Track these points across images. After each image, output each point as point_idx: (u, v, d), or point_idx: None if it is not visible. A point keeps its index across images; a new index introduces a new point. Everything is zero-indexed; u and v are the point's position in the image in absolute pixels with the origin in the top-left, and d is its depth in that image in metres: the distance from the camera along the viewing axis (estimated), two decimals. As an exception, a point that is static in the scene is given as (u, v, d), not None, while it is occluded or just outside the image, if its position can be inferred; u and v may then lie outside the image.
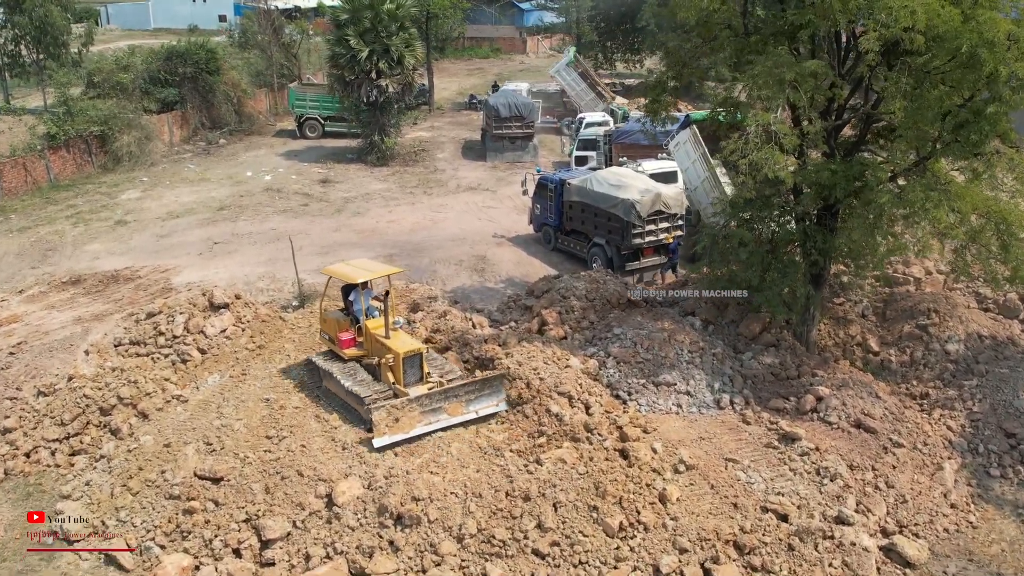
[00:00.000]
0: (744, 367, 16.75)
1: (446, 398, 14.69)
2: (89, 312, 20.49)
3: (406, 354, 14.87)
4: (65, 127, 32.29)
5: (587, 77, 42.58)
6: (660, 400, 15.73)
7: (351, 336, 15.79)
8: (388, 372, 15.02)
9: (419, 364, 15.14)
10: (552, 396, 14.71)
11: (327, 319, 16.35)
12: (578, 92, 42.03)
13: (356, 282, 15.59)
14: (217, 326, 17.92)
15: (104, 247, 25.30)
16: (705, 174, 23.70)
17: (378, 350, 15.39)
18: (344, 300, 16.66)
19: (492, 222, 27.63)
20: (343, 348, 15.68)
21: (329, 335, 16.22)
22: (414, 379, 15.11)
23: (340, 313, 16.48)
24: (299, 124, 39.99)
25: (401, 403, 14.21)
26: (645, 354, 16.31)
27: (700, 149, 23.68)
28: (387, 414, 13.97)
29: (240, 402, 15.52)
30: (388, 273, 16.25)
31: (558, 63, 44.03)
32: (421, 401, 14.44)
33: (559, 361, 15.83)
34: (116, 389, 15.32)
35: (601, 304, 18.69)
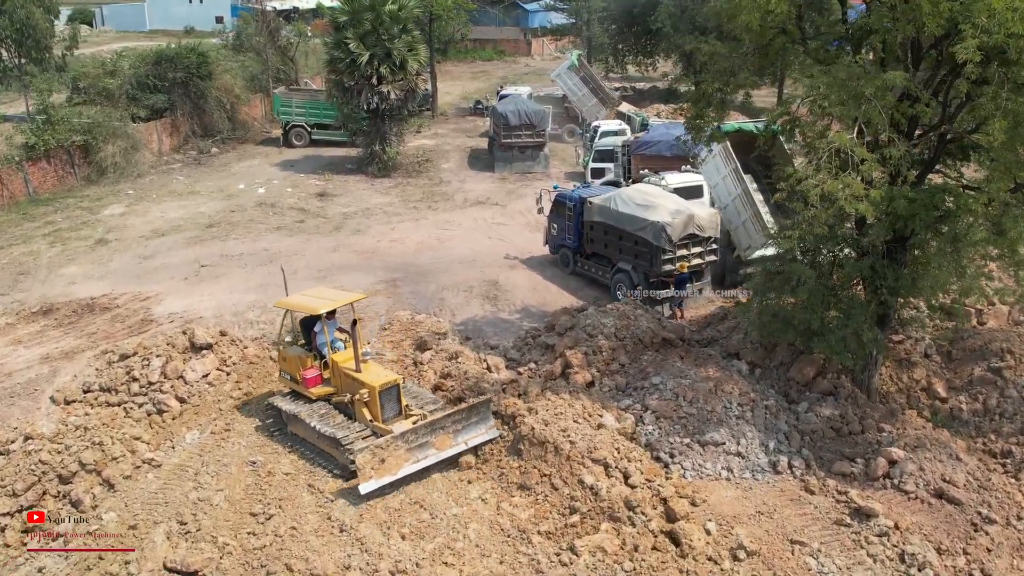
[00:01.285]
0: (801, 421, 14.63)
1: (432, 431, 13.25)
2: (59, 349, 18.38)
3: (382, 387, 13.53)
4: (45, 137, 30.17)
5: (589, 82, 40.39)
6: (708, 463, 13.61)
7: (316, 373, 14.34)
8: (363, 409, 13.64)
9: (396, 396, 13.76)
10: (585, 464, 12.59)
11: (287, 357, 14.80)
12: (580, 97, 39.79)
13: (318, 313, 14.10)
14: (198, 370, 15.83)
15: (81, 270, 23.19)
16: (737, 191, 21.58)
17: (349, 386, 13.94)
18: (305, 334, 15.00)
19: (503, 241, 25.51)
20: (309, 387, 14.29)
21: (291, 375, 14.69)
22: (393, 413, 13.71)
23: (301, 349, 14.86)
24: (285, 132, 37.85)
25: (385, 442, 12.75)
26: (688, 408, 14.19)
27: (731, 164, 21.54)
28: (371, 456, 12.52)
29: (221, 467, 13.42)
30: (351, 301, 14.93)
31: (559, 67, 41.87)
32: (406, 437, 12.97)
33: (591, 419, 13.71)
34: (78, 453, 13.19)
35: (632, 344, 16.58)
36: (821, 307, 14.10)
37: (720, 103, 15.30)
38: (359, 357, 13.89)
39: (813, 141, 12.89)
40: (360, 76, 30.74)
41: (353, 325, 13.86)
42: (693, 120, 15.33)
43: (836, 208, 11.73)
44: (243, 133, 38.65)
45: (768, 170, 23.21)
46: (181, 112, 36.51)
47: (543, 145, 33.47)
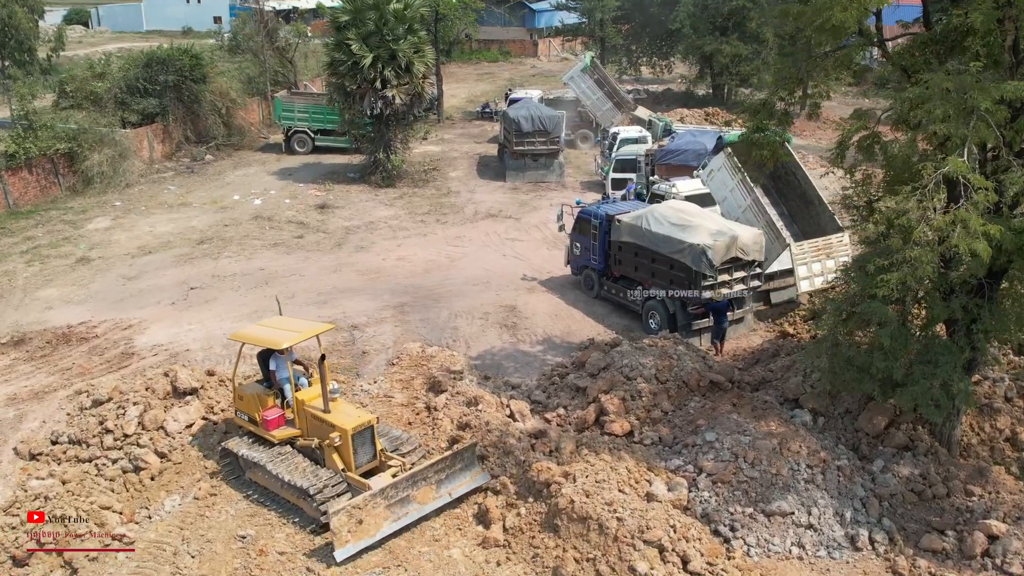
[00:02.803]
0: (877, 484, 12.62)
1: (414, 484, 11.92)
2: (28, 388, 16.40)
3: (355, 430, 12.11)
4: (26, 145, 28.16)
5: (604, 85, 38.18)
6: (775, 538, 11.61)
7: (278, 413, 12.73)
8: (334, 455, 12.07)
9: (371, 439, 12.46)
10: (636, 546, 10.60)
11: (243, 395, 13.16)
12: (594, 102, 37.45)
13: (279, 348, 12.48)
14: (181, 420, 13.86)
15: (60, 293, 21.21)
16: (747, 201, 19.94)
17: (317, 428, 12.41)
18: (263, 369, 13.40)
19: (519, 259, 23.52)
20: (270, 429, 12.67)
21: (248, 415, 13.00)
22: (367, 458, 12.42)
23: (260, 386, 13.27)
24: (286, 138, 35.82)
25: (363, 501, 11.24)
26: (750, 470, 12.18)
27: (739, 175, 20.07)
28: (348, 518, 11.00)
29: (205, 543, 11.43)
30: (316, 333, 13.38)
31: (572, 69, 39.68)
32: (386, 493, 11.41)
33: (637, 486, 11.71)
34: (35, 530, 11.18)
35: (676, 388, 14.60)
36: (903, 353, 12.11)
37: (783, 115, 13.28)
38: (327, 395, 12.35)
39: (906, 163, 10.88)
40: (363, 79, 28.73)
41: (321, 361, 12.25)
42: (751, 133, 13.29)
43: (946, 247, 9.73)
44: (239, 139, 36.64)
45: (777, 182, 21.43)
46: (173, 117, 34.53)
47: (558, 153, 31.47)
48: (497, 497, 11.91)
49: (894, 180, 12.34)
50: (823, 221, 20.53)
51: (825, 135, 38.33)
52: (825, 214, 20.60)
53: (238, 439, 13.05)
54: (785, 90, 12.85)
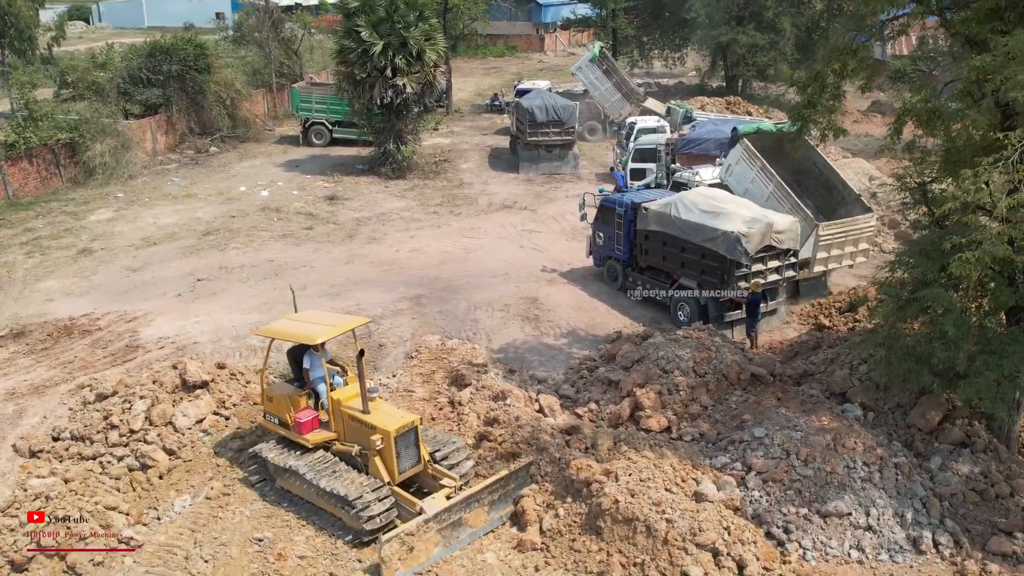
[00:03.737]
0: (937, 483, 11.79)
1: (467, 506, 10.91)
2: (28, 382, 15.60)
3: (398, 432, 11.04)
4: (26, 134, 27.32)
5: (613, 75, 37.32)
6: (832, 540, 10.79)
7: (312, 415, 11.70)
8: (376, 460, 11.02)
9: (415, 442, 11.43)
10: (688, 549, 9.77)
11: (273, 396, 12.11)
12: (602, 92, 36.41)
13: (314, 343, 11.51)
14: (191, 415, 13.02)
15: (61, 285, 20.37)
16: (769, 188, 19.33)
17: (355, 431, 11.39)
18: (294, 368, 12.43)
19: (537, 250, 22.69)
20: (303, 432, 11.63)
21: (279, 418, 11.97)
22: (410, 463, 11.44)
23: (291, 386, 12.28)
24: (304, 129, 34.93)
25: (416, 527, 10.21)
26: (803, 468, 11.35)
27: (758, 162, 19.62)
28: (400, 545, 10.02)
29: (219, 547, 10.60)
30: (353, 327, 12.49)
31: (580, 60, 38.80)
32: (439, 518, 10.45)
33: (684, 485, 10.87)
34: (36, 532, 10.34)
35: (716, 381, 13.78)
36: (966, 343, 11.28)
37: (836, 88, 12.40)
38: (366, 395, 11.29)
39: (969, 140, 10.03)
40: (373, 68, 27.85)
41: (359, 357, 11.20)
42: (801, 109, 12.43)
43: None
44: (244, 131, 35.74)
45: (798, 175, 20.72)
46: (177, 108, 33.62)
47: (572, 144, 30.63)
48: (534, 498, 11.04)
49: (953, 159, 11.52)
50: (849, 204, 19.99)
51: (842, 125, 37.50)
52: (851, 196, 20.13)
53: (269, 445, 12.02)
54: (838, 62, 11.97)
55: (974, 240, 9.41)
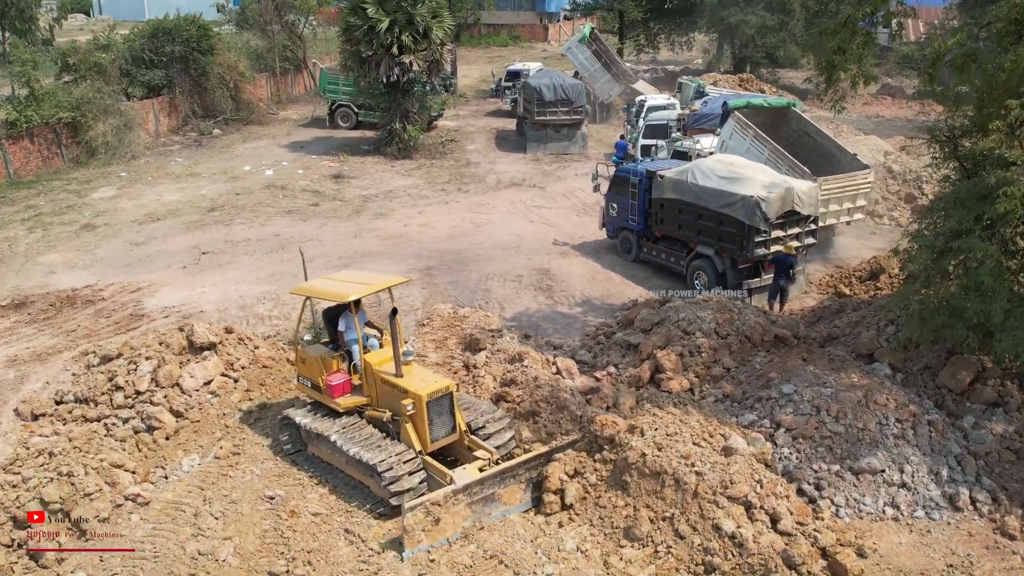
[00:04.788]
0: (971, 441, 11.39)
1: (501, 481, 10.26)
2: (30, 349, 15.20)
3: (431, 396, 10.42)
4: (28, 113, 26.93)
5: (602, 56, 37.05)
6: (866, 497, 10.39)
7: (345, 379, 11.17)
8: (409, 427, 10.45)
9: (449, 409, 10.80)
10: (719, 503, 9.37)
11: (307, 358, 11.58)
12: (592, 73, 36.02)
13: (347, 301, 11.01)
14: (199, 376, 12.61)
15: (63, 258, 19.98)
16: (764, 155, 19.62)
17: (387, 396, 10.79)
18: (329, 329, 11.95)
19: (548, 225, 22.29)
20: (335, 396, 11.11)
21: (311, 380, 11.46)
22: (444, 431, 10.80)
23: (325, 348, 11.76)
24: (331, 112, 34.21)
25: (443, 498, 9.59)
26: (834, 425, 10.94)
27: (750, 132, 20.06)
28: (425, 515, 9.42)
29: (229, 505, 10.21)
30: (388, 285, 11.73)
31: (570, 41, 38.46)
32: (470, 490, 9.83)
33: (712, 440, 10.47)
34: (40, 488, 9.97)
35: (738, 343, 13.38)
36: (1002, 295, 10.88)
37: (866, 36, 11.93)
38: (399, 357, 10.71)
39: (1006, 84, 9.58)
40: (379, 45, 27.44)
41: (392, 316, 10.60)
42: (831, 55, 11.97)
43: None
44: (247, 114, 35.36)
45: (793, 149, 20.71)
46: (180, 90, 33.26)
47: (581, 123, 30.22)
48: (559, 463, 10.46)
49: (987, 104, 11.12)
50: (846, 164, 20.18)
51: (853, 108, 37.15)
52: (847, 157, 20.43)
53: (300, 408, 11.55)
54: (869, 5, 11.53)
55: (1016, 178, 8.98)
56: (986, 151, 10.56)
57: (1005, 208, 9.14)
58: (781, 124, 21.58)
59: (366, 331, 11.82)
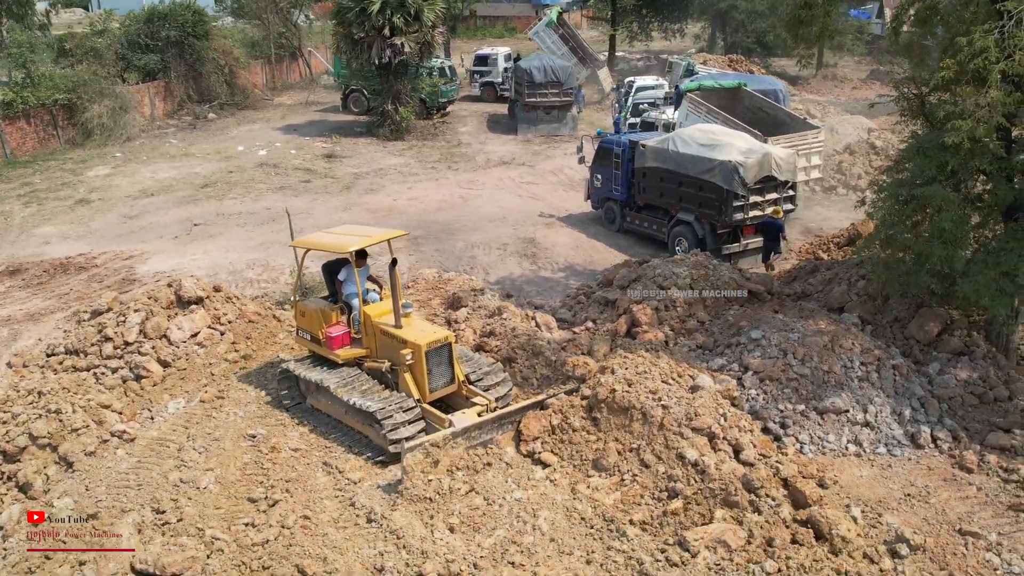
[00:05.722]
0: (935, 385, 11.72)
1: (499, 426, 10.44)
2: (24, 310, 15.56)
3: (430, 346, 10.49)
4: (24, 94, 27.30)
5: (569, 40, 37.44)
6: (830, 435, 10.72)
7: (344, 331, 11.30)
8: (407, 376, 10.58)
9: (448, 360, 10.87)
10: (684, 434, 9.70)
11: (306, 311, 11.68)
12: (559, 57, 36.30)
13: (346, 252, 11.11)
14: (186, 328, 12.93)
15: (58, 230, 20.35)
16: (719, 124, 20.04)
17: (387, 347, 10.90)
18: (328, 282, 12.09)
19: (535, 199, 22.65)
20: (334, 348, 11.21)
21: (311, 333, 11.59)
22: (443, 381, 10.88)
23: (325, 301, 11.91)
24: (344, 96, 34.36)
25: (442, 439, 9.76)
26: (800, 367, 11.28)
27: (703, 108, 20.78)
28: (424, 456, 9.53)
29: (212, 441, 10.55)
30: (387, 238, 11.74)
31: (538, 25, 38.85)
32: (468, 434, 10.02)
33: (680, 380, 10.80)
34: (28, 423, 10.31)
35: (712, 297, 13.69)
36: (964, 241, 11.22)
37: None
38: (399, 307, 10.82)
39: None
40: (371, 27, 27.82)
41: (392, 267, 10.76)
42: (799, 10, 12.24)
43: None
44: (242, 99, 35.74)
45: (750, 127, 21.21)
46: (175, 74, 33.64)
47: (571, 105, 30.58)
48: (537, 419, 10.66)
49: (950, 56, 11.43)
50: (797, 128, 20.79)
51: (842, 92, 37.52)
52: (797, 123, 21.21)
53: (298, 361, 11.67)
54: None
55: (968, 109, 9.31)
56: (949, 102, 10.86)
57: (953, 140, 9.44)
58: (735, 103, 22.03)
59: (368, 286, 11.91)
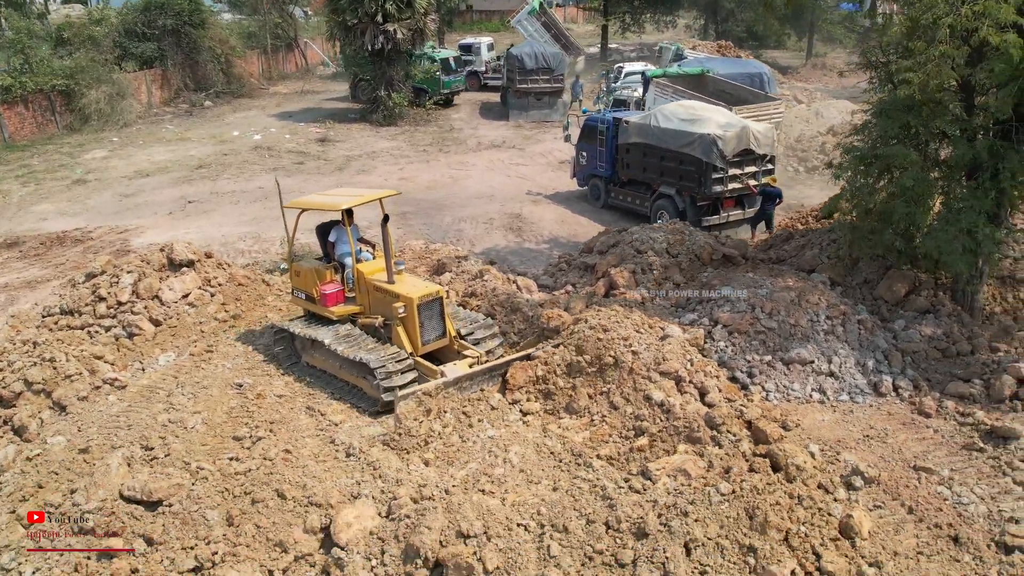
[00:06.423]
0: (900, 339, 12.13)
1: (490, 377, 10.77)
2: (21, 278, 15.99)
3: (421, 300, 10.81)
4: (22, 79, 27.73)
5: (551, 28, 37.97)
6: (795, 384, 11.14)
7: (338, 288, 11.65)
8: (400, 330, 10.88)
9: (439, 313, 11.16)
10: (652, 377, 10.12)
11: (301, 271, 12.04)
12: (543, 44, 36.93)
13: (340, 208, 11.40)
14: (177, 289, 13.34)
15: (55, 207, 20.78)
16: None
17: (380, 302, 11.23)
18: (322, 243, 12.40)
19: (524, 179, 23.07)
20: (329, 305, 11.55)
21: (306, 292, 11.96)
22: (435, 334, 11.15)
23: (319, 261, 12.25)
24: (353, 85, 34.85)
25: (435, 389, 10.10)
26: (768, 321, 11.70)
27: (669, 90, 21.87)
28: (416, 405, 9.87)
29: (200, 388, 10.97)
30: (379, 197, 11.89)
31: (520, 13, 39.35)
32: (460, 384, 10.36)
33: (651, 330, 11.22)
34: (23, 370, 10.74)
35: (688, 261, 14.13)
36: (927, 198, 11.65)
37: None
38: (391, 263, 11.14)
39: None
40: (363, 13, 28.27)
41: (384, 222, 11.04)
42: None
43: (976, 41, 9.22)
44: (239, 87, 36.18)
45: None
46: (172, 63, 34.07)
47: (561, 91, 31.00)
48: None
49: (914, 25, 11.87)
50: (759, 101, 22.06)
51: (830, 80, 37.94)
52: (760, 98, 22.31)
53: (294, 320, 11.99)
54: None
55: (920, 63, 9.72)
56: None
57: (905, 93, 9.86)
58: (700, 87, 22.87)
59: (359, 246, 12.27)
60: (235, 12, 44.07)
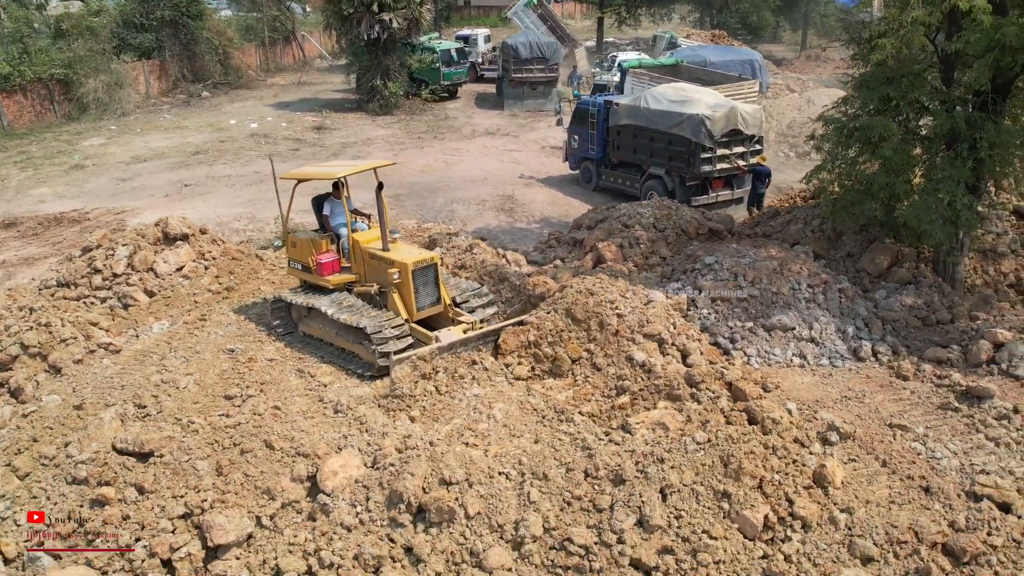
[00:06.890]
0: (880, 308, 12.36)
1: (484, 342, 10.91)
2: (19, 256, 16.22)
3: (416, 266, 10.92)
4: (21, 68, 27.95)
5: (547, 20, 38.23)
6: (776, 349, 11.38)
7: (334, 257, 11.78)
8: (395, 296, 11.04)
9: (434, 280, 11.28)
10: (635, 340, 10.34)
11: (297, 242, 12.15)
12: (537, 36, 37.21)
13: (336, 177, 11.60)
14: (172, 262, 13.55)
15: (53, 191, 21.01)
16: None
17: (375, 270, 11.37)
18: (317, 214, 12.54)
19: (517, 164, 23.30)
20: (325, 274, 11.68)
21: (302, 263, 12.07)
22: (429, 300, 11.27)
23: (314, 232, 12.40)
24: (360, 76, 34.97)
25: (429, 354, 10.27)
26: (750, 289, 11.93)
27: (645, 78, 22.11)
28: (412, 369, 10.06)
29: (193, 353, 11.18)
30: (374, 166, 11.96)
31: (516, 5, 39.59)
32: (454, 349, 10.53)
33: (635, 297, 11.43)
34: (19, 335, 10.96)
35: (675, 235, 14.37)
36: (907, 168, 11.88)
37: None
38: (386, 230, 11.27)
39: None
40: (359, 3, 28.50)
41: (378, 190, 11.05)
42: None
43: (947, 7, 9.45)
44: (236, 79, 36.39)
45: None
46: (170, 53, 34.27)
47: (556, 81, 31.23)
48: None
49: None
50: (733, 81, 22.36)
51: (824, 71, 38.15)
52: (733, 79, 22.65)
53: (291, 291, 12.10)
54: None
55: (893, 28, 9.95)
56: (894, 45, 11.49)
57: (878, 58, 10.09)
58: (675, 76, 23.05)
59: (353, 217, 12.37)
60: (234, 8, 44.23)
